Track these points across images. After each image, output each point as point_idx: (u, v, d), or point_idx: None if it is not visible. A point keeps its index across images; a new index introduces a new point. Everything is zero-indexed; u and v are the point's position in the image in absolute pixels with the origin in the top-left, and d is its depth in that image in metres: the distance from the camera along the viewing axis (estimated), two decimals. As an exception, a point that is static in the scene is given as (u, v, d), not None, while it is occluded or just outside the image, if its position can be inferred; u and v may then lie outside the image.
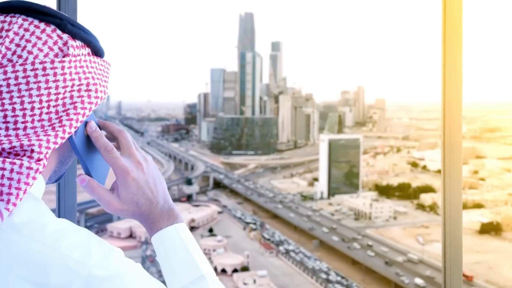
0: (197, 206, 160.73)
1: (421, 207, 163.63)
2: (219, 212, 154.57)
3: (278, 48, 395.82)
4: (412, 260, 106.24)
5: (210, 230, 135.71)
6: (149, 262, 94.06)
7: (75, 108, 0.94)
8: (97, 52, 1.09)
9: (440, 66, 2.53)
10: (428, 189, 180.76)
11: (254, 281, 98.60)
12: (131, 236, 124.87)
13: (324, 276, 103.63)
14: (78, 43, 0.99)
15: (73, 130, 0.96)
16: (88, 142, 1.09)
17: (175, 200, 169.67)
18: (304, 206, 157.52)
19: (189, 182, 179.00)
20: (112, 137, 1.18)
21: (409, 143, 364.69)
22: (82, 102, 0.96)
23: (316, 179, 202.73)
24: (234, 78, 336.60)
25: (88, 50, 1.04)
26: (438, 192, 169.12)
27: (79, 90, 0.96)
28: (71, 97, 0.94)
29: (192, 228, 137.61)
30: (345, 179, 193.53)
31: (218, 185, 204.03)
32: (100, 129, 1.12)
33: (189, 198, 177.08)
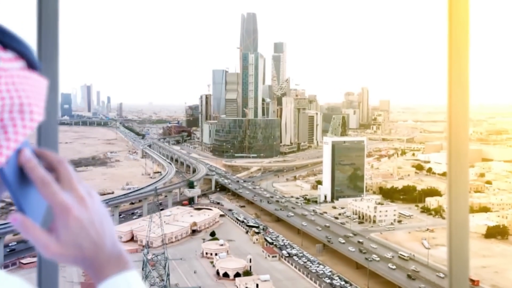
0: (199, 209, 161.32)
1: (426, 210, 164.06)
2: (221, 215, 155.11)
3: (281, 49, 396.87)
4: (402, 257, 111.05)
5: (212, 234, 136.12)
6: (150, 266, 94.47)
7: (5, 133, 0.80)
8: (32, 66, 0.90)
9: (445, 66, 2.47)
10: (433, 192, 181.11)
11: (257, 286, 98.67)
12: (132, 239, 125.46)
13: (328, 280, 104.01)
14: (10, 54, 0.84)
15: (4, 159, 0.80)
16: (22, 173, 0.90)
17: (176, 203, 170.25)
18: (306, 209, 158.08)
19: (191, 185, 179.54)
20: (50, 167, 0.94)
21: (414, 145, 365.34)
22: (14, 125, 0.81)
23: (319, 182, 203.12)
24: (236, 80, 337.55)
25: (21, 63, 0.87)
26: (444, 195, 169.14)
27: (10, 111, 0.80)
28: (1, 119, 0.80)
29: (194, 232, 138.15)
30: (349, 182, 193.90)
31: (220, 188, 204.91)
32: (37, 158, 0.92)
33: (190, 202, 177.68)
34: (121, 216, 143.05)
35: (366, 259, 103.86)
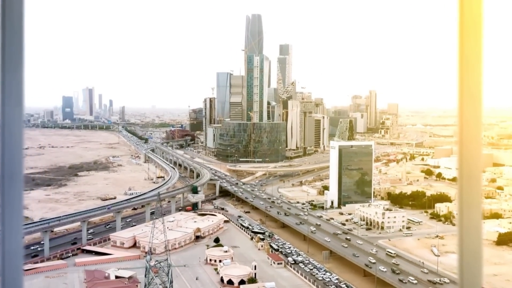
0: (203, 215, 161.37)
1: (436, 216, 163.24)
2: (226, 221, 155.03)
3: (287, 51, 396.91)
4: (389, 254, 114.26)
5: (216, 240, 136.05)
6: (153, 273, 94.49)
7: None
8: None
9: (456, 69, 2.44)
10: (443, 198, 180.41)
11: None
12: (134, 245, 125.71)
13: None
14: None
15: None
16: None
17: (180, 209, 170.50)
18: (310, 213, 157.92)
19: (194, 190, 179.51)
20: None
21: (424, 150, 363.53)
22: None
23: (326, 188, 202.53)
24: (241, 83, 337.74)
25: None
26: (454, 201, 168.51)
27: None
28: None
29: (197, 238, 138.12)
30: (357, 187, 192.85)
31: (224, 193, 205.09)
32: None
33: (194, 207, 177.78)
34: (123, 222, 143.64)
35: (399, 280, 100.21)
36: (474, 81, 2.37)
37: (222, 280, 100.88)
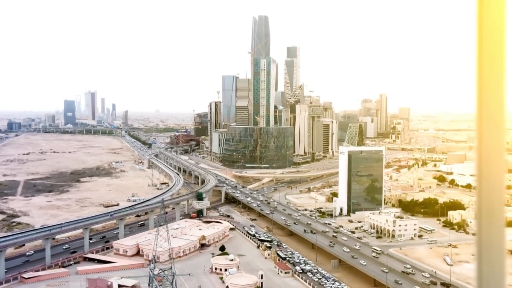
0: (208, 222, 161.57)
1: (449, 224, 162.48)
2: (231, 229, 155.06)
3: (295, 53, 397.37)
4: (376, 251, 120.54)
5: (222, 248, 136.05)
6: (157, 282, 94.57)
7: None
8: None
9: (475, 69, 2.38)
10: (456, 205, 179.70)
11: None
12: (138, 253, 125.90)
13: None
14: None
15: None
16: None
17: (184, 216, 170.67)
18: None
19: (199, 197, 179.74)
20: None
21: (436, 155, 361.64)
22: None
23: (335, 194, 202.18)
24: (247, 86, 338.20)
25: None
26: (468, 209, 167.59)
27: None
28: None
29: (202, 246, 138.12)
30: (367, 194, 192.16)
31: (230, 199, 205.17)
32: None
33: (199, 214, 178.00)
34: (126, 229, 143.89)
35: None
36: (495, 82, 2.27)
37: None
